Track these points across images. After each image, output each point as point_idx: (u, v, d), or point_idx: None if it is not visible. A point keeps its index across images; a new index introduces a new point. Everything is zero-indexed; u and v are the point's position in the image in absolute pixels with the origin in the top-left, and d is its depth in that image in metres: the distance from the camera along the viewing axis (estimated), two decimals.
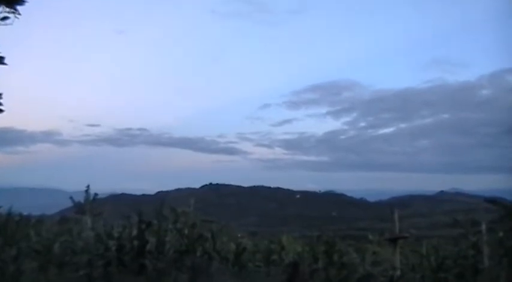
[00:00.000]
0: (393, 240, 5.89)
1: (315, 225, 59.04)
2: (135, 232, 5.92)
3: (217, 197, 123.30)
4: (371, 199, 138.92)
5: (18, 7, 2.52)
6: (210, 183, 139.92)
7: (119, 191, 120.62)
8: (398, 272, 6.02)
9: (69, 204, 7.05)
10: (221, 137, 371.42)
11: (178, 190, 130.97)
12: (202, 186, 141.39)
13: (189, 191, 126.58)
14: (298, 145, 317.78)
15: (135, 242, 5.74)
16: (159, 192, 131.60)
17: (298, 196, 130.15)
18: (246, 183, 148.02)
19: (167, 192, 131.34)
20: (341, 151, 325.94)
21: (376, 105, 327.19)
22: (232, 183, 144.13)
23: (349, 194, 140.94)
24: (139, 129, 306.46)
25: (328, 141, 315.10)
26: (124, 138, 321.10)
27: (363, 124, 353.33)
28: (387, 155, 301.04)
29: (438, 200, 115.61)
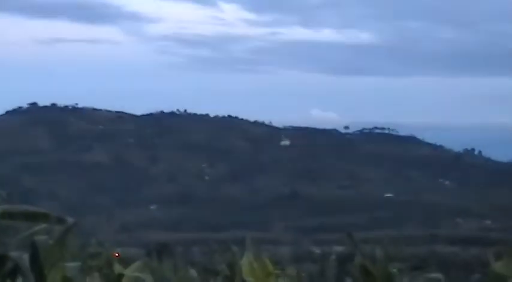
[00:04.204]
0: None
1: (335, 226, 44.57)
2: None
3: (54, 144, 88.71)
4: (494, 155, 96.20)
5: None
6: (34, 104, 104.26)
7: None
8: None
9: None
10: None
11: None
12: (8, 112, 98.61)
13: None
14: None
15: None
16: None
17: (285, 142, 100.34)
18: (140, 109, 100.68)
19: None
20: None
21: None
22: (97, 105, 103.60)
23: (431, 140, 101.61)
24: None
25: None
26: None
27: None
28: None
29: None
